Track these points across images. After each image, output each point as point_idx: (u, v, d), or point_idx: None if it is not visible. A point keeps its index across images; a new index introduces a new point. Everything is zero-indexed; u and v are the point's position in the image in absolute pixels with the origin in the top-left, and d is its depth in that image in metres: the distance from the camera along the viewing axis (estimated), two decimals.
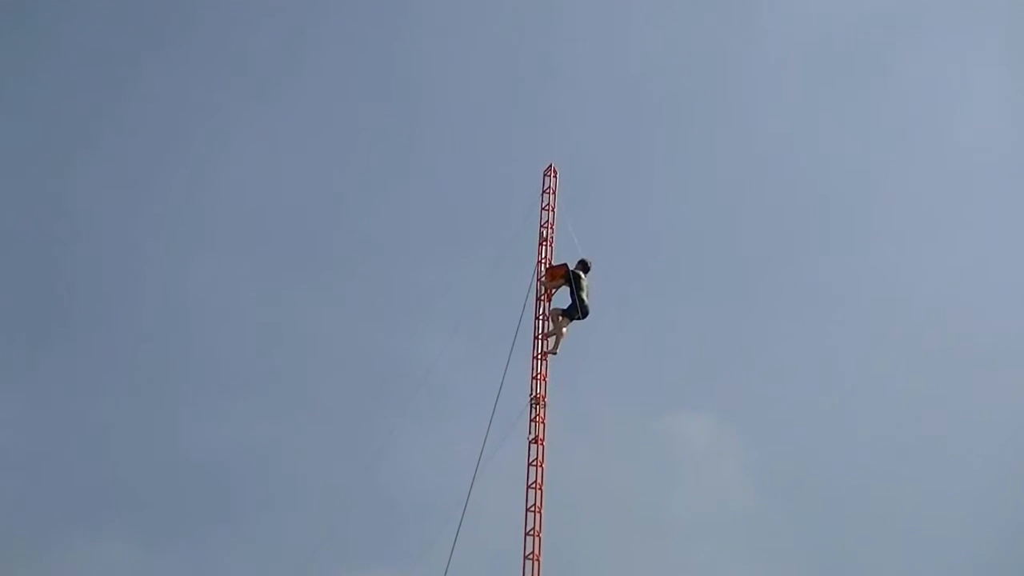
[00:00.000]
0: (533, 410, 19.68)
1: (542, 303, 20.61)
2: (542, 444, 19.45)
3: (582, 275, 20.84)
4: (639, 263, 35.37)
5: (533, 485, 19.15)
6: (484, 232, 34.34)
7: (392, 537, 28.22)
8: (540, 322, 20.44)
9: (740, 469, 33.31)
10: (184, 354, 35.23)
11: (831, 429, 33.64)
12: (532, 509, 18.99)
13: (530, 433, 19.53)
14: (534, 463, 19.32)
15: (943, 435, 32.94)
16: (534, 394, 19.82)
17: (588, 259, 20.99)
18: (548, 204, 21.24)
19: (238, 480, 32.00)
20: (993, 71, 39.77)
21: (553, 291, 20.82)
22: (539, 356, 20.13)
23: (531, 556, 18.69)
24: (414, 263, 37.18)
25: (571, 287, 20.66)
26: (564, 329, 20.61)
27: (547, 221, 21.15)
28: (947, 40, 41.41)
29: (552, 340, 20.50)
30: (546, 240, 21.03)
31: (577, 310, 20.59)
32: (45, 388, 33.59)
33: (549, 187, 21.36)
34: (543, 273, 20.77)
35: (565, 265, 20.80)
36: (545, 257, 20.92)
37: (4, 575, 28.56)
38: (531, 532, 18.84)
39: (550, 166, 21.50)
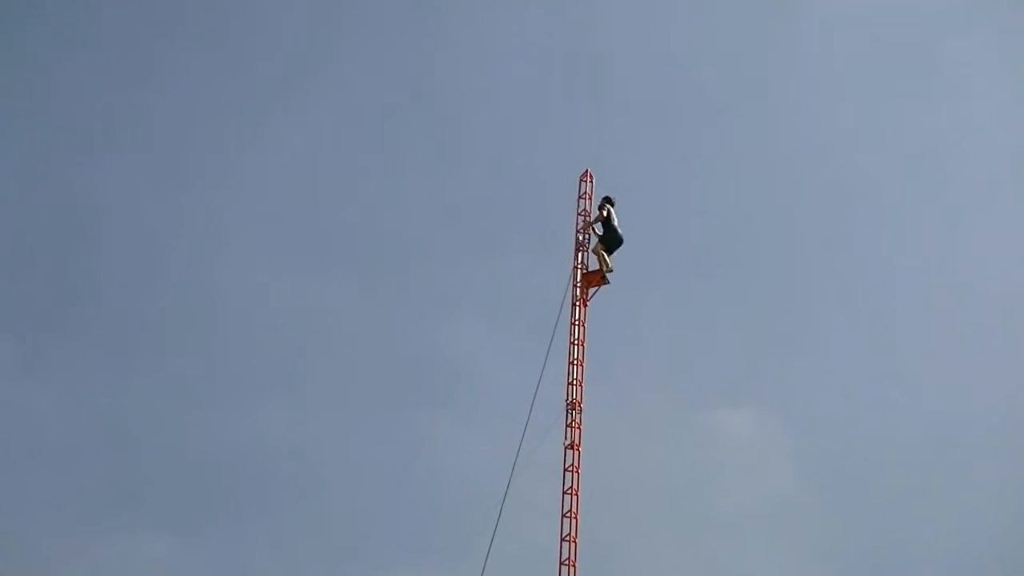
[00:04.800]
0: (569, 415, 19.64)
1: (577, 308, 20.51)
2: (578, 450, 19.42)
3: (612, 208, 21.09)
4: (681, 257, 35.29)
5: (569, 491, 19.16)
6: (522, 227, 34.26)
7: (430, 533, 28.36)
8: (576, 328, 20.34)
9: (783, 462, 33.22)
10: (220, 349, 35.51)
11: (874, 420, 33.54)
12: (568, 515, 19.01)
13: (566, 439, 19.49)
14: (570, 469, 19.29)
15: (988, 424, 32.67)
16: (570, 399, 19.76)
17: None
18: (584, 209, 21.25)
19: (275, 475, 32.21)
20: None
21: (590, 297, 20.72)
22: (575, 362, 20.05)
23: (567, 562, 18.72)
24: (450, 257, 37.18)
25: (607, 222, 20.98)
26: (608, 257, 20.85)
27: (582, 226, 21.14)
28: (993, 33, 40.75)
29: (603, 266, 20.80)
30: (583, 245, 21.03)
31: (616, 242, 20.89)
32: (78, 384, 33.97)
33: (585, 192, 21.35)
34: (579, 278, 20.70)
35: (600, 271, 20.81)
36: (581, 263, 20.89)
37: (41, 571, 28.75)
38: (567, 538, 18.85)
39: (586, 171, 21.49)
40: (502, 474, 19.59)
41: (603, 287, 20.80)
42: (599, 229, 21.18)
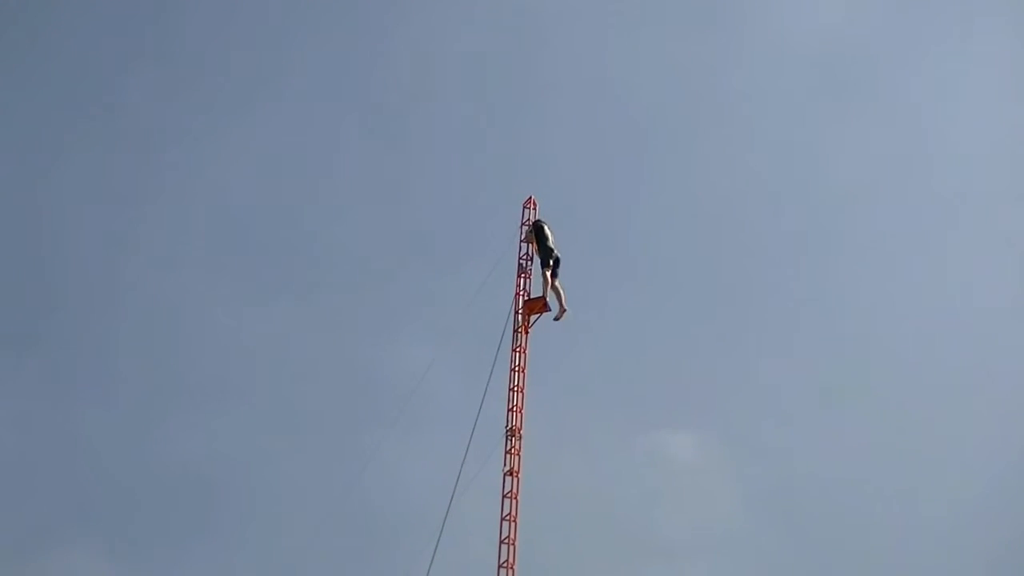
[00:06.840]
0: (509, 442, 19.70)
1: (519, 334, 20.60)
2: (517, 476, 19.48)
3: (544, 226, 21.05)
4: (623, 279, 35.39)
5: (507, 517, 19.19)
6: (471, 247, 34.38)
7: (375, 551, 28.25)
8: (517, 355, 20.42)
9: (726, 486, 33.33)
10: (165, 364, 35.35)
11: (817, 444, 33.62)
12: (506, 541, 19.04)
13: (505, 465, 19.55)
14: (509, 495, 19.34)
15: (931, 448, 32.92)
16: (510, 426, 19.83)
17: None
18: (527, 236, 21.29)
19: (219, 493, 32.03)
20: (986, 89, 39.84)
21: (532, 323, 20.78)
22: (515, 388, 20.13)
23: None
24: (399, 277, 37.18)
25: (539, 241, 20.93)
26: (558, 284, 20.77)
27: (526, 253, 21.26)
28: (940, 57, 41.32)
29: (556, 302, 20.72)
30: (525, 272, 21.12)
31: (553, 261, 20.77)
32: (25, 398, 33.65)
33: (528, 219, 21.47)
34: (521, 305, 20.80)
35: (543, 298, 20.83)
36: (524, 289, 21.00)
37: None
38: (504, 564, 18.88)
39: (530, 198, 21.64)
40: (447, 495, 19.76)
41: (545, 314, 20.86)
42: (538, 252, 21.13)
